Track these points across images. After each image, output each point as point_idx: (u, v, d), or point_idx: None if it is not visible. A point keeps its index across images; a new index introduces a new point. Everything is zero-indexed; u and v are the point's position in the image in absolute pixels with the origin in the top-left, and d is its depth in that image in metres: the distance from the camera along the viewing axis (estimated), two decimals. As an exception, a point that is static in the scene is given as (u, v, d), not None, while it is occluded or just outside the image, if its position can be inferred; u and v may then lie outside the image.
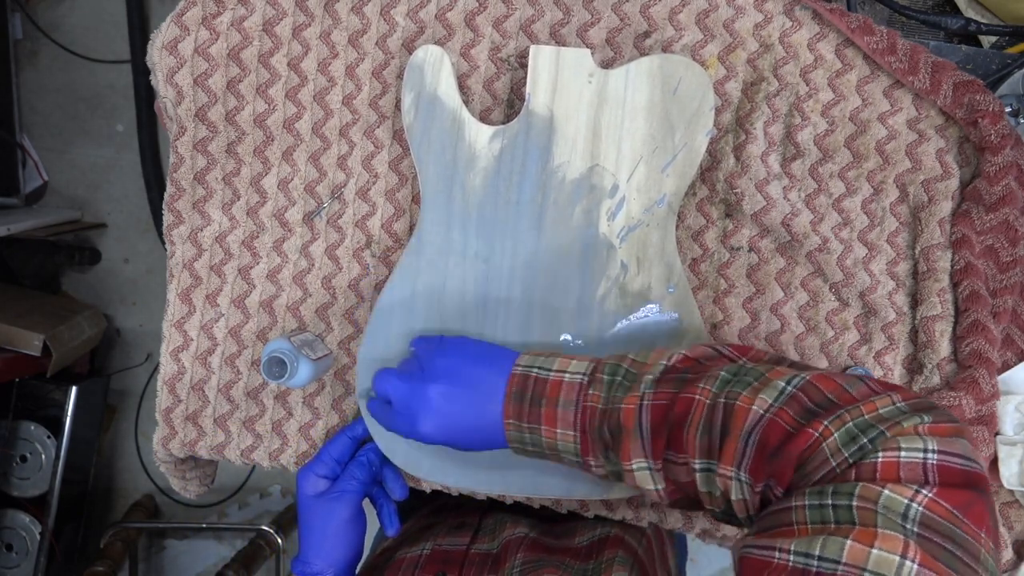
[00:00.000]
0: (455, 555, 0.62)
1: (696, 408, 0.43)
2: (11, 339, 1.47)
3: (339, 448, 0.62)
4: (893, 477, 0.33)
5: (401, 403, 0.54)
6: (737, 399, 0.41)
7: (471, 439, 0.53)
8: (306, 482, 0.60)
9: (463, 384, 0.52)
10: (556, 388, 0.49)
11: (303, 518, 0.60)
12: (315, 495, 0.60)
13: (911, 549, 0.31)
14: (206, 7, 0.64)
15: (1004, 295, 0.60)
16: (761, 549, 0.35)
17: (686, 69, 0.58)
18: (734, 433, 0.41)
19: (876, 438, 0.35)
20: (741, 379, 0.43)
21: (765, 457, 0.39)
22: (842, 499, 0.33)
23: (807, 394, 0.40)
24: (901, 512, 0.32)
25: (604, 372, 0.49)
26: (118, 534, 1.54)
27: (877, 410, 0.37)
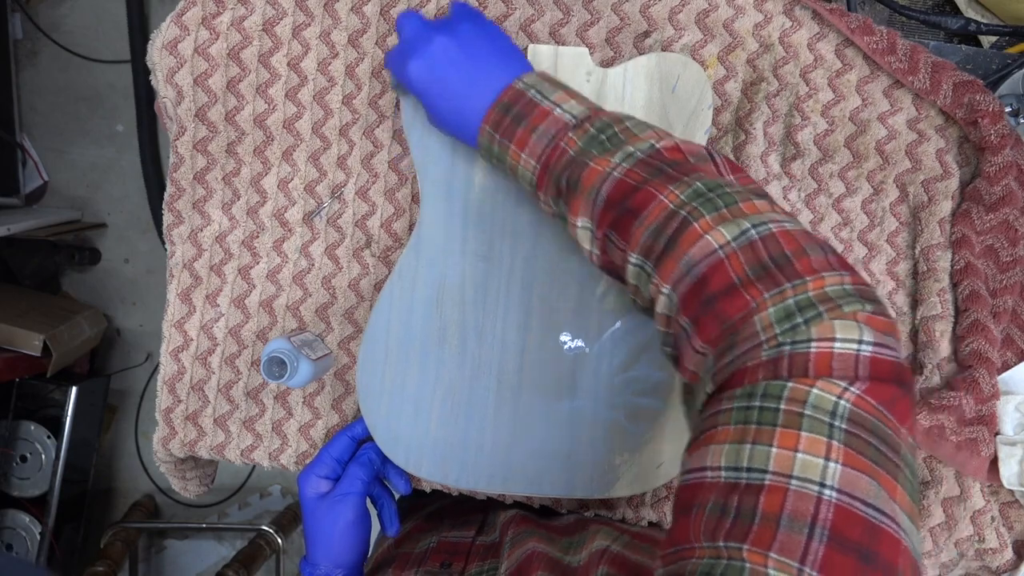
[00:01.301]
0: (461, 546, 0.62)
1: (656, 207, 0.42)
2: (11, 339, 1.47)
3: (339, 448, 0.62)
4: (825, 371, 0.33)
5: (408, 39, 0.52)
6: (697, 220, 0.40)
7: (443, 110, 0.52)
8: (308, 484, 0.60)
9: (468, 58, 0.51)
10: (542, 116, 0.48)
11: (308, 520, 0.60)
12: (318, 497, 0.60)
13: (834, 450, 0.31)
14: (206, 7, 0.64)
15: (1004, 295, 0.60)
16: (694, 472, 0.35)
17: (684, 67, 0.58)
18: (679, 252, 0.40)
19: (812, 319, 0.34)
20: (712, 199, 0.41)
21: (700, 297, 0.38)
22: (770, 401, 0.33)
23: (766, 245, 0.38)
24: (829, 410, 0.32)
25: (593, 124, 0.47)
26: (118, 534, 1.54)
27: (824, 288, 0.35)
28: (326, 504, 0.59)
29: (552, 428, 0.60)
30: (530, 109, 0.49)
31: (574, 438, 0.60)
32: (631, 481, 0.60)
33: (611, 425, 0.59)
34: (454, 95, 0.51)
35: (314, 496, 0.59)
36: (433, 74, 0.51)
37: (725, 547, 0.30)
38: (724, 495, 0.32)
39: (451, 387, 0.61)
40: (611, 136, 0.47)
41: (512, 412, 0.61)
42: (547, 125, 0.48)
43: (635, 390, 0.59)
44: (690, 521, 0.33)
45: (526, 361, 0.60)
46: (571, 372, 0.60)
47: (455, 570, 0.59)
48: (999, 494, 0.62)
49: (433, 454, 0.61)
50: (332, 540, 0.59)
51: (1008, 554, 0.62)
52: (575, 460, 0.60)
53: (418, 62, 0.51)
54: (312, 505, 0.60)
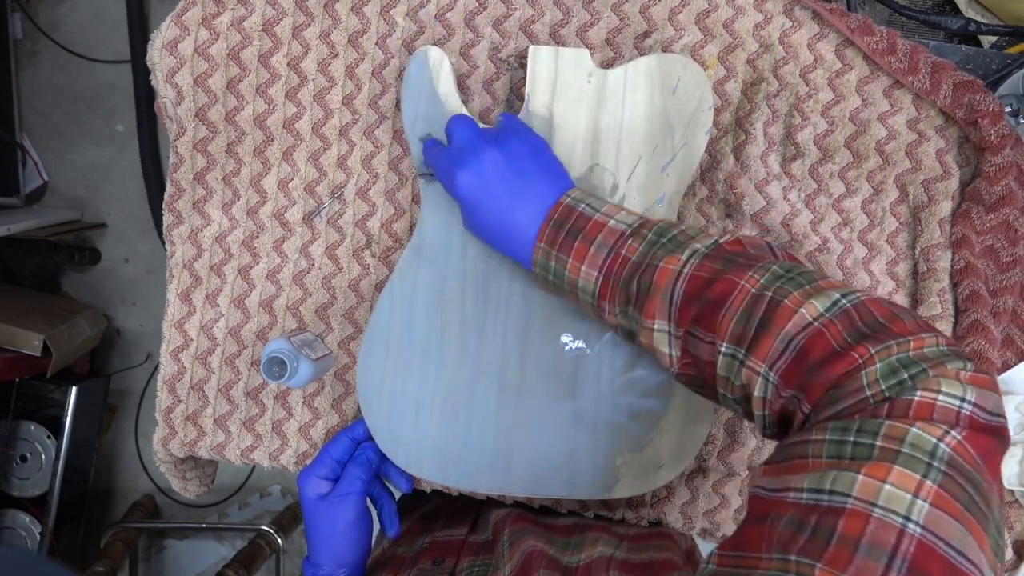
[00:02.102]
0: (453, 544, 0.62)
1: (739, 293, 0.42)
2: (11, 339, 1.47)
3: (339, 449, 0.62)
4: (926, 416, 0.33)
5: (459, 147, 0.54)
6: (786, 297, 0.40)
7: (487, 222, 0.53)
8: (308, 485, 0.60)
9: (519, 173, 0.52)
10: (597, 228, 0.49)
11: (309, 521, 0.60)
12: (319, 497, 0.60)
13: (925, 488, 0.30)
14: (206, 7, 0.64)
15: (1004, 295, 0.60)
16: (772, 491, 0.34)
17: (684, 68, 0.58)
18: (774, 330, 0.40)
19: (917, 375, 0.34)
20: (793, 278, 0.41)
21: (803, 368, 0.38)
22: (866, 436, 0.33)
23: (859, 313, 0.38)
24: (928, 450, 0.32)
25: (651, 230, 0.48)
26: (118, 534, 1.54)
27: (923, 348, 0.36)
28: (327, 504, 0.59)
29: (553, 429, 0.60)
30: (584, 223, 0.50)
31: (575, 439, 0.60)
32: (632, 482, 0.60)
33: (612, 426, 0.59)
34: (501, 209, 0.52)
35: (315, 497, 0.60)
36: (481, 187, 0.52)
37: (796, 562, 0.30)
38: (803, 513, 0.32)
39: (452, 388, 0.61)
40: (671, 239, 0.48)
41: (513, 413, 0.61)
42: (604, 236, 0.49)
43: (636, 391, 0.59)
44: (762, 530, 0.33)
45: (527, 362, 0.60)
46: (572, 373, 0.60)
47: (447, 566, 0.59)
48: (999, 494, 0.62)
49: (433, 455, 0.61)
50: (334, 540, 0.59)
51: (1008, 554, 0.62)
52: (576, 461, 0.60)
53: (468, 174, 0.52)
54: (313, 506, 0.60)
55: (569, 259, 0.50)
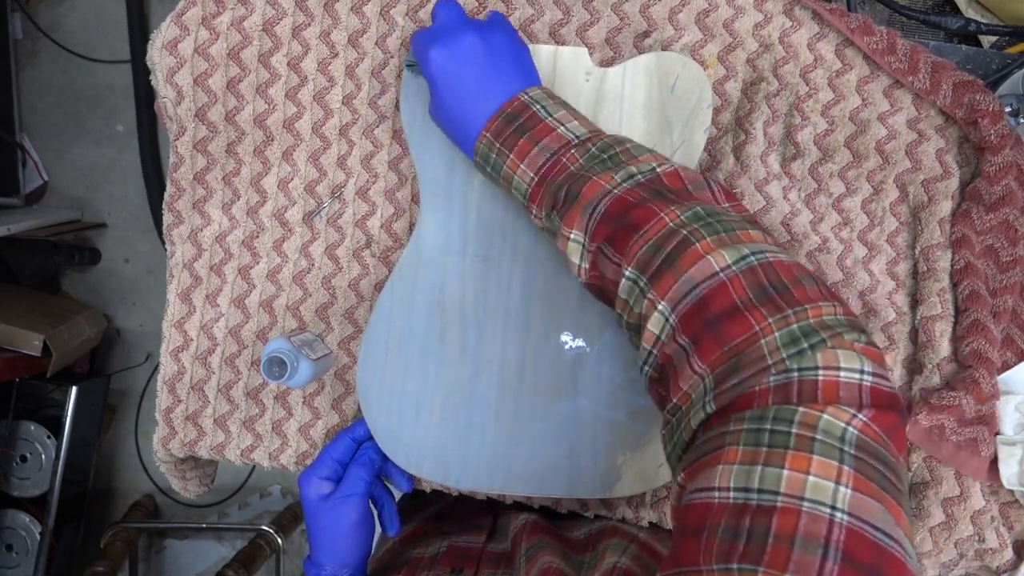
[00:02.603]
0: (472, 552, 0.62)
1: (656, 223, 0.42)
2: (11, 339, 1.47)
3: (340, 449, 0.62)
4: (833, 398, 0.34)
5: (440, 25, 0.53)
6: (698, 240, 0.41)
7: (449, 104, 0.52)
8: (309, 486, 0.60)
9: (489, 62, 0.52)
10: (545, 131, 0.49)
11: (311, 521, 0.60)
12: (320, 498, 0.60)
13: (844, 474, 0.32)
14: (206, 7, 0.64)
15: (1004, 295, 0.60)
16: (700, 492, 0.35)
17: (683, 66, 0.58)
18: (678, 270, 0.40)
19: (816, 344, 0.35)
20: (712, 223, 0.42)
21: (703, 318, 0.39)
22: (782, 424, 0.34)
23: (765, 272, 0.39)
24: (839, 436, 0.33)
25: (595, 144, 0.49)
26: (118, 534, 1.54)
27: (822, 316, 0.37)
28: (329, 505, 0.59)
29: (553, 428, 0.60)
30: (533, 123, 0.50)
31: (575, 438, 0.60)
32: (632, 481, 0.60)
33: (612, 425, 0.59)
34: (465, 92, 0.52)
35: (316, 498, 0.60)
36: (452, 66, 0.52)
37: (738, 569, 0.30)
38: (736, 517, 0.32)
39: (452, 387, 0.61)
40: (612, 156, 0.48)
41: (513, 412, 0.61)
42: (549, 140, 0.49)
43: (636, 389, 0.59)
44: (699, 543, 0.33)
45: (527, 361, 0.60)
46: (572, 372, 0.60)
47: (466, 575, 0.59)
48: (999, 494, 0.62)
49: (434, 454, 0.61)
50: (336, 541, 0.59)
51: (1008, 554, 0.62)
52: (576, 460, 0.60)
53: (443, 50, 0.52)
54: (315, 507, 0.60)
55: (510, 154, 0.50)
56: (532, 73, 0.54)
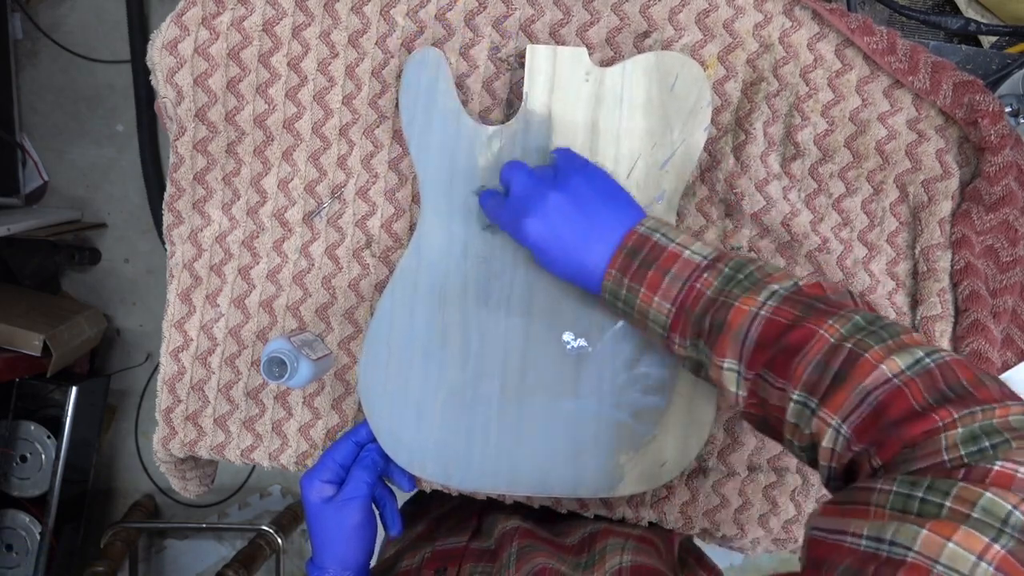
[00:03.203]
0: (455, 552, 0.62)
1: (817, 341, 0.41)
2: (11, 339, 1.47)
3: (343, 452, 0.62)
4: (1004, 485, 0.31)
5: (520, 195, 0.54)
6: (866, 351, 0.39)
7: (563, 262, 0.53)
8: (311, 489, 0.60)
9: (585, 211, 0.52)
10: (672, 259, 0.49)
11: (314, 524, 0.60)
12: (323, 501, 0.60)
13: (991, 552, 0.29)
14: (206, 7, 0.64)
15: (1004, 295, 0.60)
16: (831, 533, 0.34)
17: (682, 66, 0.58)
18: (851, 383, 0.39)
19: (999, 445, 0.33)
20: (876, 331, 0.40)
21: (878, 424, 0.37)
22: (936, 495, 0.32)
23: (943, 374, 0.37)
24: (1002, 516, 0.30)
25: (727, 264, 0.48)
26: (118, 534, 1.54)
27: (1008, 417, 0.34)
28: (332, 508, 0.59)
29: (556, 428, 0.60)
30: (658, 252, 0.50)
31: (578, 438, 0.60)
32: (635, 480, 0.60)
33: (615, 424, 0.59)
34: (572, 250, 0.52)
35: (319, 500, 0.59)
36: (551, 232, 0.53)
37: None
38: (861, 562, 0.31)
39: (454, 388, 0.61)
40: (749, 275, 0.47)
41: (515, 412, 0.61)
42: (679, 268, 0.49)
43: (638, 389, 0.59)
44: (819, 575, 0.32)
45: (529, 361, 0.60)
46: (574, 371, 0.60)
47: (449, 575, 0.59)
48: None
49: (436, 455, 0.61)
50: (339, 543, 0.59)
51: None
52: (579, 459, 0.60)
53: (536, 221, 0.53)
54: (317, 509, 0.60)
55: (642, 288, 0.49)
56: (626, 199, 0.54)
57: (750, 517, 0.64)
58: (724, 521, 0.64)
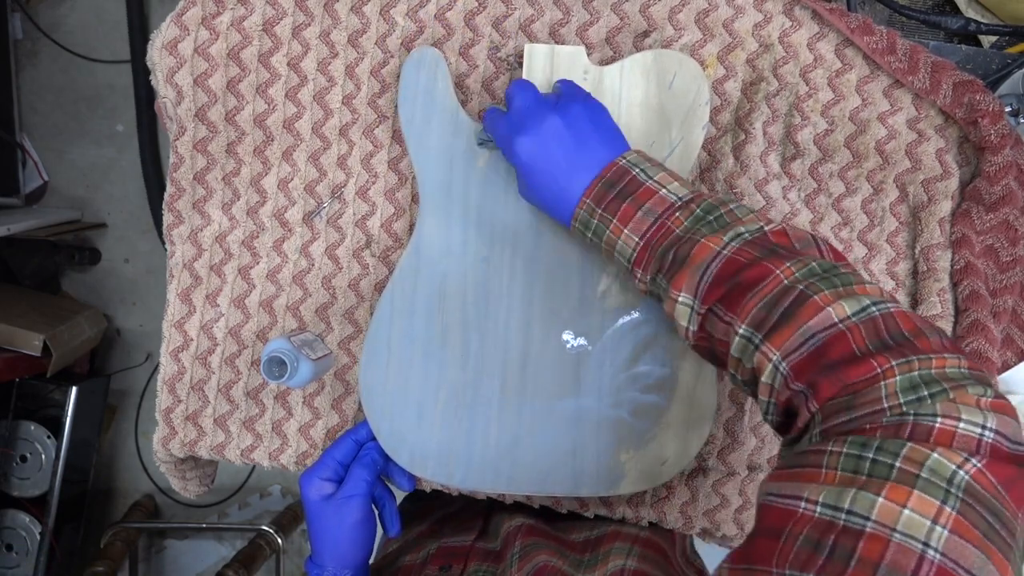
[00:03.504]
0: (460, 550, 0.62)
1: (771, 281, 0.42)
2: (11, 339, 1.47)
3: (343, 451, 0.62)
4: (946, 443, 0.32)
5: (519, 112, 0.54)
6: (816, 293, 0.40)
7: (542, 184, 0.53)
8: (311, 487, 0.60)
9: (578, 138, 0.52)
10: (648, 194, 0.50)
11: (313, 522, 0.60)
12: (322, 499, 0.60)
13: (944, 515, 0.30)
14: (206, 7, 0.64)
15: (1004, 295, 0.60)
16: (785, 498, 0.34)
17: (680, 64, 0.58)
18: (796, 322, 0.40)
19: (937, 394, 0.34)
20: (829, 277, 0.41)
21: (818, 364, 0.38)
22: (885, 455, 0.33)
23: (886, 323, 0.38)
24: (947, 477, 0.31)
25: (699, 206, 0.49)
26: (118, 534, 1.54)
27: (945, 368, 0.35)
28: (332, 506, 0.59)
29: (556, 427, 0.60)
30: (634, 186, 0.50)
31: (578, 436, 0.60)
32: (636, 478, 0.60)
33: (615, 423, 0.59)
34: (558, 173, 0.53)
35: (318, 498, 0.59)
36: (541, 151, 0.53)
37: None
38: (819, 532, 0.32)
39: (454, 388, 0.61)
40: (718, 217, 0.48)
41: (516, 412, 0.61)
42: (652, 203, 0.49)
43: (639, 387, 0.59)
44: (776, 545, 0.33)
45: (529, 361, 0.60)
46: (574, 370, 0.60)
47: (454, 572, 0.59)
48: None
49: (437, 455, 0.61)
50: (339, 541, 0.59)
51: (1008, 554, 0.62)
52: (580, 458, 0.60)
53: (529, 138, 0.53)
54: (317, 507, 0.60)
55: (613, 219, 0.50)
56: (619, 137, 0.54)
57: (750, 517, 0.64)
58: (724, 521, 0.64)
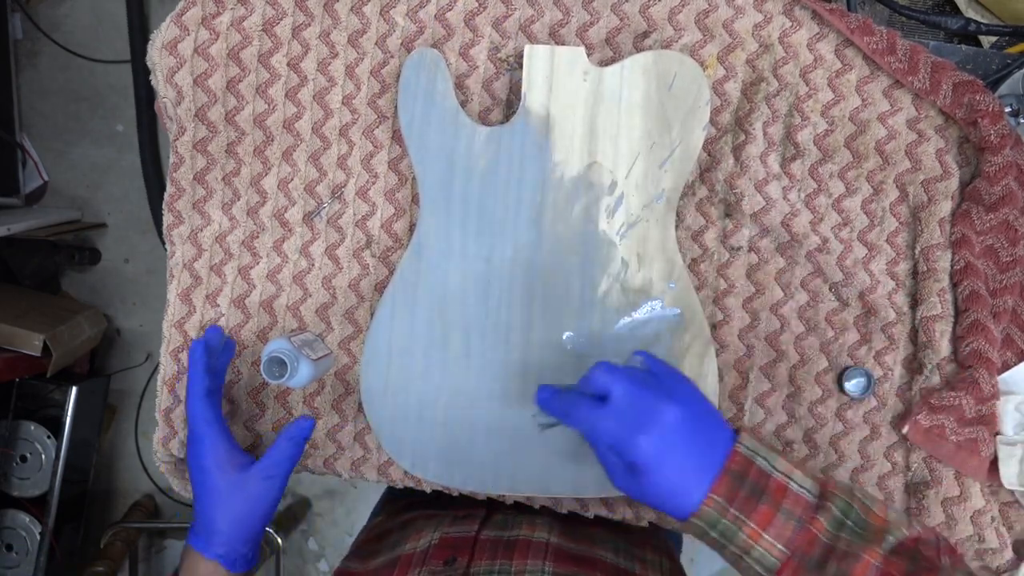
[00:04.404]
0: (464, 540, 0.60)
1: None
2: (11, 339, 1.47)
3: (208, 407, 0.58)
4: None
5: (626, 406, 0.48)
6: None
7: (664, 481, 0.46)
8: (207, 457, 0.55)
9: (695, 427, 0.47)
10: (781, 491, 0.45)
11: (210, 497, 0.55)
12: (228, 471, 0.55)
13: None
14: (206, 7, 0.64)
15: (1004, 295, 0.60)
16: None
17: (680, 65, 0.59)
18: None
19: None
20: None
21: None
22: None
23: None
24: None
25: (835, 504, 0.46)
26: (118, 534, 1.54)
27: None
28: (245, 480, 0.56)
29: (557, 428, 0.60)
30: (765, 481, 0.46)
31: (578, 438, 0.60)
32: (631, 481, 0.60)
33: (611, 425, 0.59)
34: (687, 465, 0.46)
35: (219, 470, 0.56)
36: (668, 448, 0.46)
37: None
38: None
39: (455, 389, 0.61)
40: (856, 519, 0.46)
41: (517, 412, 0.61)
42: (790, 503, 0.45)
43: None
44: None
45: (530, 362, 0.60)
46: (575, 371, 0.60)
47: (459, 566, 0.57)
48: (999, 494, 0.62)
49: (438, 456, 0.61)
50: (250, 517, 0.56)
51: (1008, 554, 0.62)
52: (581, 459, 0.60)
53: (653, 439, 0.46)
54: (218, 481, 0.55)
55: (750, 521, 0.45)
56: (714, 409, 0.50)
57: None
58: (724, 521, 0.64)
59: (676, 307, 0.61)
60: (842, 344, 0.63)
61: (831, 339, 0.63)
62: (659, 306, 0.61)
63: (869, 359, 0.63)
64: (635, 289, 0.60)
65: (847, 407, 0.63)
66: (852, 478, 0.63)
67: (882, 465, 0.63)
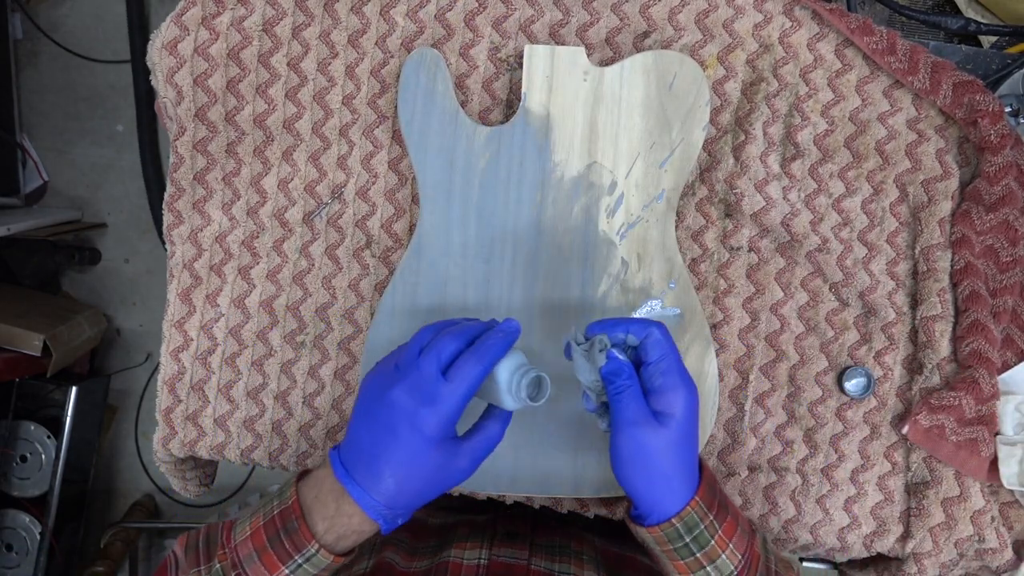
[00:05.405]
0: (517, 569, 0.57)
1: None
2: (11, 339, 1.47)
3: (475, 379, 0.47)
4: None
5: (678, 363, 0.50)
6: None
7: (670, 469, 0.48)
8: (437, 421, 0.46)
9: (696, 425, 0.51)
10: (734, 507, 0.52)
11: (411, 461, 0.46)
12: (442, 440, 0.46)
13: None
14: (206, 7, 0.64)
15: (1004, 295, 0.60)
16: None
17: (680, 64, 0.59)
18: None
19: None
20: None
21: None
22: None
23: None
24: None
25: (758, 532, 0.53)
26: (118, 534, 1.54)
27: None
28: (450, 451, 0.47)
29: (558, 428, 0.60)
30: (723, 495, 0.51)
31: (580, 438, 0.60)
32: (631, 481, 0.60)
33: (611, 425, 0.59)
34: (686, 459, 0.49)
35: (440, 436, 0.47)
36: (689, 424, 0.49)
37: None
38: None
39: (451, 387, 0.61)
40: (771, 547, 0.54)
41: (518, 413, 0.60)
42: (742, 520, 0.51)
43: (635, 390, 0.59)
44: None
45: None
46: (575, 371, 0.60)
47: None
48: (999, 494, 0.62)
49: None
50: (430, 487, 0.48)
51: (1008, 554, 0.62)
52: (581, 459, 0.60)
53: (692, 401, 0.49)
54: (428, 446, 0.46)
55: (719, 530, 0.48)
56: None
57: (750, 517, 0.64)
58: (724, 521, 0.64)
59: (676, 307, 0.61)
60: (842, 344, 0.63)
61: (831, 339, 0.63)
62: (659, 306, 0.61)
63: (869, 359, 0.63)
64: (635, 289, 0.60)
65: (847, 407, 0.63)
66: (852, 478, 0.63)
67: (882, 465, 0.63)
